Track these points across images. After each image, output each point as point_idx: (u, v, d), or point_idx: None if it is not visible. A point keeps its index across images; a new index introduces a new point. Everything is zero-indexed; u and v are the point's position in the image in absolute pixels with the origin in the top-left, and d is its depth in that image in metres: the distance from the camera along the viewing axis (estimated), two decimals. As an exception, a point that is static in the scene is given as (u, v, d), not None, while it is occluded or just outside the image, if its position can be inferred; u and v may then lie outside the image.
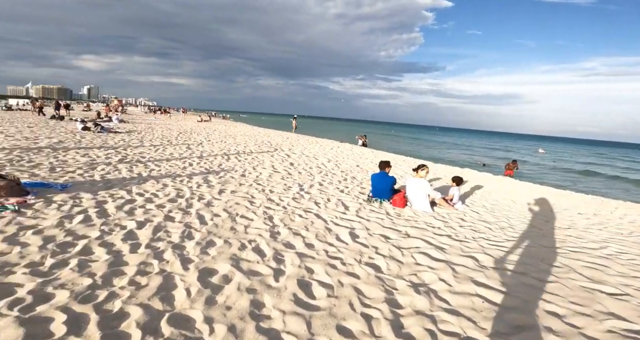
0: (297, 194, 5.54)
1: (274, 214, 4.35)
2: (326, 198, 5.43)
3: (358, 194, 5.92)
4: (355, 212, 4.80)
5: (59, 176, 5.28)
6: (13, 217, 3.38)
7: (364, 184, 6.86)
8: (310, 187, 6.11)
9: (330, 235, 3.78)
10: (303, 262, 3.01)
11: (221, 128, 22.12)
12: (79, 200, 4.15)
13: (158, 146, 9.93)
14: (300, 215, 4.39)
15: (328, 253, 3.29)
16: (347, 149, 14.61)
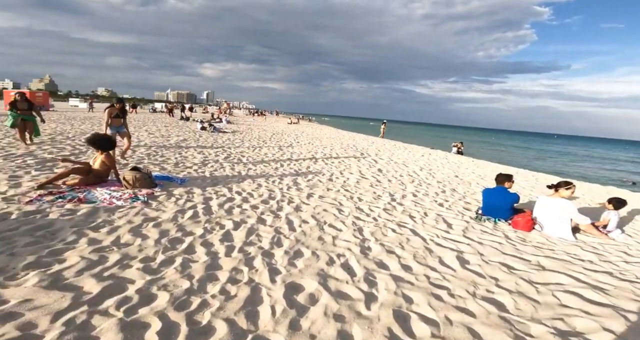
0: (388, 204, 4.99)
1: (363, 225, 3.94)
2: (422, 212, 4.74)
3: (462, 210, 5.02)
4: (462, 231, 4.02)
5: (180, 170, 5.88)
6: (141, 208, 3.73)
7: (468, 198, 5.90)
8: (402, 198, 5.47)
9: (431, 258, 3.19)
10: (399, 288, 2.53)
11: (308, 130, 22.66)
12: (192, 195, 4.45)
13: (255, 147, 10.52)
14: (394, 230, 3.87)
15: (430, 279, 2.73)
16: (440, 157, 12.96)
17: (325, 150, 11.19)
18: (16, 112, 7.15)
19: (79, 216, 3.30)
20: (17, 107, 7.20)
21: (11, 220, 3.02)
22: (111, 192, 4.14)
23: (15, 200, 3.54)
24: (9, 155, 5.90)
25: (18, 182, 4.23)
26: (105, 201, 3.84)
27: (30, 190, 3.91)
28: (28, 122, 7.31)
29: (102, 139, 4.58)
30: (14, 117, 7.15)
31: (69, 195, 3.88)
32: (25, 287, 2.03)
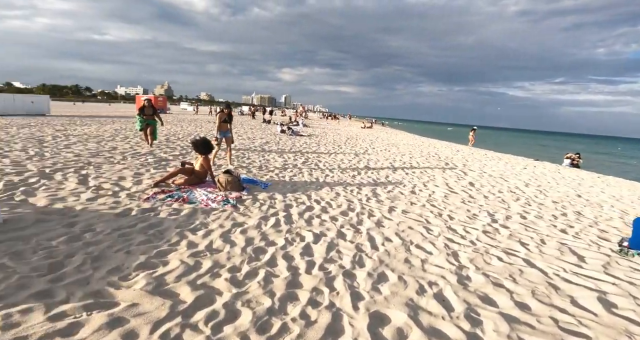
0: (488, 226, 4.25)
1: (459, 249, 3.38)
2: (538, 238, 3.89)
3: (597, 240, 4.00)
4: (602, 267, 3.16)
5: (263, 174, 6.07)
6: (231, 212, 3.86)
7: (602, 225, 4.70)
8: (506, 219, 4.61)
9: (558, 296, 2.53)
10: (514, 331, 2.02)
11: (383, 136, 21.72)
12: (274, 200, 4.47)
13: (331, 152, 10.43)
14: (500, 258, 3.23)
15: (559, 323, 2.13)
16: (550, 171, 10.68)
17: (404, 158, 10.37)
18: (143, 117, 8.02)
19: (182, 216, 3.54)
20: (144, 112, 8.02)
21: (131, 217, 3.39)
22: (208, 194, 4.41)
23: (136, 198, 4.01)
24: (136, 153, 6.93)
25: (140, 179, 4.84)
26: (202, 202, 4.10)
27: (147, 188, 4.41)
28: (151, 125, 8.18)
29: (202, 143, 4.93)
30: (141, 121, 8.05)
31: (176, 194, 4.25)
32: (134, 290, 2.15)
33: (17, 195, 3.65)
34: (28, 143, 7.25)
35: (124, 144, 8.13)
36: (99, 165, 5.45)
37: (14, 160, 5.29)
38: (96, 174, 4.90)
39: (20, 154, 5.91)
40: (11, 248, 2.53)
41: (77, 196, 3.82)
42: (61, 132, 9.69)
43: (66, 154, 6.21)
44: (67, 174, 4.75)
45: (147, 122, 8.08)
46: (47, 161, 5.46)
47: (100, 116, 19.86)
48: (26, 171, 4.68)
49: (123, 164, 5.77)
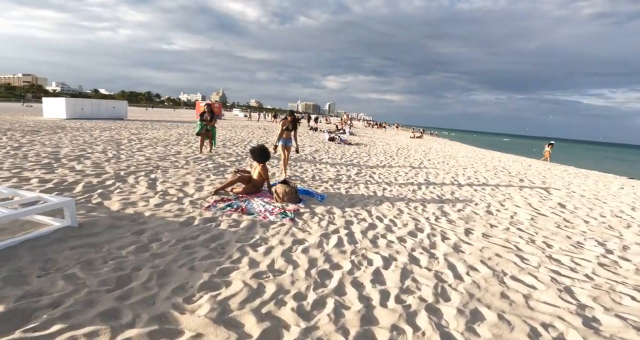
0: (602, 257, 3.51)
1: (572, 284, 2.76)
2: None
3: None
4: None
5: (317, 185, 5.82)
6: (290, 227, 3.63)
7: None
8: (623, 250, 3.80)
9: None
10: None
11: (435, 146, 20.34)
12: (332, 215, 4.15)
13: (384, 163, 9.87)
14: (633, 297, 2.58)
15: None
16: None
17: (467, 172, 9.34)
18: (203, 122, 8.06)
19: (241, 229, 3.38)
20: (204, 117, 8.08)
21: (194, 227, 3.31)
22: (265, 204, 4.26)
23: (198, 205, 3.99)
24: (197, 158, 7.19)
25: (201, 185, 4.89)
26: (261, 214, 3.94)
27: (208, 195, 4.40)
28: (209, 132, 8.19)
29: (261, 151, 4.83)
30: (201, 126, 8.05)
31: (235, 203, 4.16)
32: (198, 317, 1.95)
33: (94, 197, 3.84)
34: (108, 145, 7.97)
35: (187, 149, 8.54)
36: (166, 170, 5.68)
37: (94, 162, 5.75)
38: (163, 178, 5.07)
39: (100, 155, 6.46)
40: (84, 256, 2.54)
41: (146, 201, 3.90)
42: (135, 136, 10.62)
43: (139, 157, 6.64)
44: (138, 176, 4.98)
45: (207, 127, 8.12)
46: (122, 163, 5.84)
47: (167, 121, 21.74)
48: (104, 173, 5.01)
49: (186, 168, 5.96)
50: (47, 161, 5.49)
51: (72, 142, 8.08)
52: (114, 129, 12.86)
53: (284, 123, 6.08)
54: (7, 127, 10.66)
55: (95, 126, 13.53)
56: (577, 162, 19.64)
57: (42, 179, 4.38)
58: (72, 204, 2.94)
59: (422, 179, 7.40)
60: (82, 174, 4.83)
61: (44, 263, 2.39)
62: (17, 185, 4.01)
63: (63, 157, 6.00)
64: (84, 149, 7.03)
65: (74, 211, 2.97)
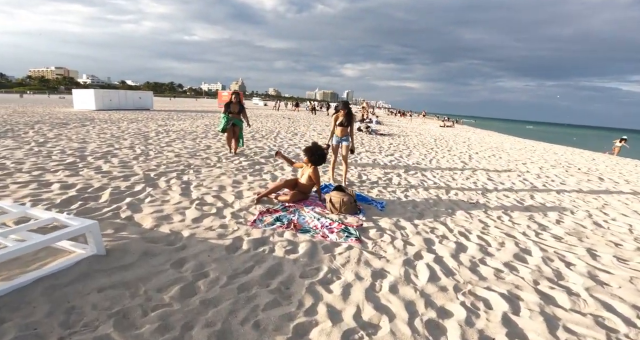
0: None
1: None
2: None
3: None
4: None
5: (368, 187, 4.89)
6: (360, 252, 2.84)
7: None
8: None
9: None
10: None
11: (473, 137, 18.44)
12: (404, 231, 3.30)
13: (428, 157, 8.81)
14: None
15: None
16: None
17: (531, 168, 8.00)
18: (229, 115, 6.43)
19: (301, 256, 2.61)
20: (230, 109, 6.41)
21: (244, 254, 2.57)
22: (319, 217, 3.47)
23: (241, 218, 3.26)
24: (227, 154, 6.50)
25: (239, 190, 4.16)
26: (317, 230, 3.16)
27: (250, 204, 3.67)
28: (236, 127, 6.49)
29: (319, 151, 3.98)
30: (226, 120, 6.39)
31: (284, 216, 3.39)
32: None
33: (123, 209, 3.18)
34: (135, 139, 7.44)
35: (216, 143, 7.89)
36: (198, 169, 5.00)
37: (122, 161, 5.16)
38: (197, 180, 4.38)
39: (128, 152, 5.88)
40: (117, 303, 1.85)
41: (182, 214, 3.21)
42: (162, 128, 10.12)
43: (168, 153, 6.02)
44: (170, 179, 4.32)
45: (233, 121, 6.43)
46: (151, 162, 5.22)
47: (190, 111, 21.39)
48: (132, 174, 4.38)
49: (219, 167, 5.27)
50: (72, 160, 4.94)
51: (99, 136, 7.62)
52: (141, 120, 12.47)
53: (336, 117, 5.01)
54: (37, 120, 10.44)
55: (122, 117, 13.22)
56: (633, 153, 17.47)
57: (65, 183, 3.79)
58: (96, 228, 2.27)
59: (485, 178, 6.34)
60: (108, 176, 4.22)
61: (66, 315, 1.73)
62: (35, 193, 3.41)
63: (89, 154, 5.46)
64: (111, 144, 6.50)
65: (99, 237, 2.30)
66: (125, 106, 20.06)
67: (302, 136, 10.69)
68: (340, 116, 4.96)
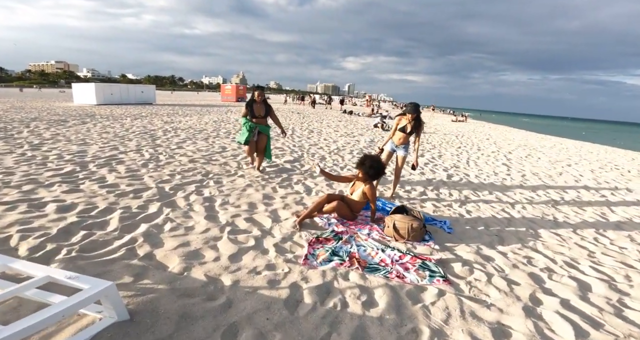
0: None
1: None
2: None
3: None
4: None
5: (419, 202, 4.20)
6: (457, 299, 2.09)
7: None
8: None
9: None
10: None
11: (493, 133, 17.14)
12: (495, 264, 2.55)
13: (463, 158, 8.01)
14: None
15: None
16: None
17: (580, 170, 7.20)
18: (252, 121, 4.53)
19: (385, 311, 1.87)
20: (253, 112, 4.50)
21: (311, 314, 1.83)
22: (383, 247, 2.73)
23: (288, 253, 2.53)
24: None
25: (273, 208, 3.40)
26: (389, 269, 2.42)
27: (293, 229, 2.93)
28: (262, 136, 4.59)
29: (375, 166, 3.15)
30: (249, 129, 4.44)
31: (339, 248, 2.64)
32: None
33: (139, 243, 2.44)
34: (142, 139, 6.65)
35: (231, 143, 7.11)
36: (219, 179, 4.23)
37: (129, 168, 4.38)
38: (220, 195, 3.61)
39: (135, 157, 5.10)
40: None
41: (214, 249, 2.46)
42: (169, 125, 9.31)
43: (180, 158, 5.25)
44: (188, 194, 3.55)
45: (258, 128, 4.57)
46: (163, 169, 4.45)
47: (195, 105, 20.50)
48: (143, 188, 3.62)
49: (242, 175, 4.50)
50: (71, 168, 4.17)
51: (101, 135, 6.84)
52: (145, 116, 11.66)
53: (399, 120, 4.08)
54: (34, 117, 9.64)
55: (125, 113, 12.40)
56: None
57: (62, 203, 3.03)
58: (113, 291, 1.53)
59: (537, 183, 5.56)
60: (115, 190, 3.47)
61: None
62: (25, 219, 2.64)
63: (91, 160, 4.69)
64: (115, 147, 5.73)
65: (118, 300, 1.57)
66: (127, 101, 19.19)
67: (319, 134, 9.89)
68: (405, 120, 4.04)
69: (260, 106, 4.58)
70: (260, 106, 4.58)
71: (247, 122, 4.53)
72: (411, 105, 4.00)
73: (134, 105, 17.98)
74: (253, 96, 4.58)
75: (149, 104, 19.24)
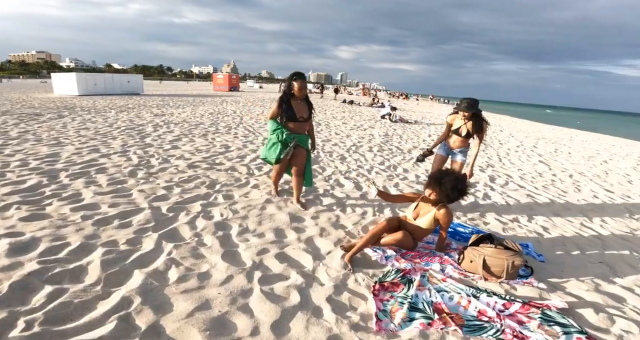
0: None
1: None
2: None
3: None
4: None
5: (476, 217, 3.43)
6: None
7: None
8: None
9: None
10: None
11: (502, 124, 16.38)
12: (628, 306, 1.87)
13: (492, 156, 7.30)
14: None
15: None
16: None
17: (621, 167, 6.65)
18: (288, 126, 2.96)
19: None
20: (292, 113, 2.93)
21: None
22: (474, 291, 1.97)
23: (349, 308, 1.74)
24: (256, 161, 4.81)
25: (308, 235, 2.57)
26: (496, 325, 1.66)
27: (345, 271, 2.13)
28: (301, 149, 3.08)
29: (461, 185, 2.29)
30: (284, 140, 2.95)
31: (414, 298, 1.87)
32: None
33: (137, 308, 1.59)
34: (129, 137, 5.67)
35: (232, 139, 6.18)
36: (229, 193, 3.33)
37: (112, 178, 3.45)
38: (235, 218, 2.74)
39: (120, 161, 4.14)
40: None
41: (247, 313, 1.64)
42: (160, 119, 8.27)
43: (176, 161, 4.32)
44: (194, 218, 2.66)
45: (296, 139, 3.01)
46: (157, 180, 3.52)
47: (186, 95, 19.21)
48: (133, 209, 2.71)
49: (256, 186, 3.64)
50: (36, 181, 3.21)
51: (79, 133, 5.80)
52: (132, 108, 10.52)
53: (452, 120, 3.25)
54: (5, 110, 8.46)
55: (110, 105, 11.22)
56: None
57: (17, 238, 2.14)
58: None
59: (592, 185, 4.84)
60: (94, 214, 2.57)
61: None
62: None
63: (63, 167, 3.72)
64: (95, 148, 4.74)
65: None
66: (112, 91, 17.81)
67: (328, 127, 8.99)
68: (460, 120, 3.18)
69: (302, 105, 2.98)
70: (302, 105, 2.98)
71: (279, 129, 2.94)
72: (466, 102, 3.07)
73: (120, 95, 16.66)
74: (290, 88, 2.88)
75: (136, 95, 17.89)
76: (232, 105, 13.92)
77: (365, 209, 3.22)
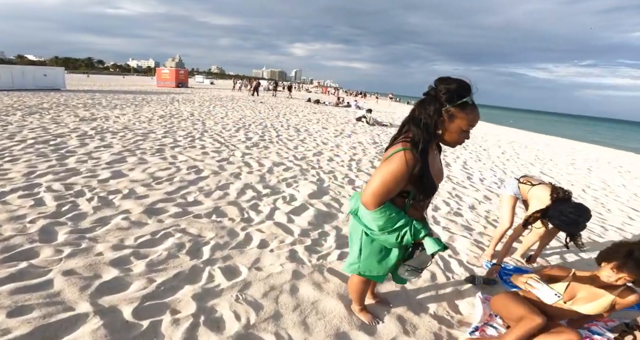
0: None
1: None
2: None
3: None
4: None
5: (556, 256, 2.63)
6: None
7: None
8: None
9: None
10: None
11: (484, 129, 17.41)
12: None
13: (514, 164, 6.88)
14: None
15: None
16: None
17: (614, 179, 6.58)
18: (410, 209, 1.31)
19: None
20: (433, 186, 1.26)
21: None
22: None
23: None
24: (255, 194, 3.45)
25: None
26: None
27: None
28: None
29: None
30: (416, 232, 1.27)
31: None
32: None
33: None
34: (39, 158, 3.83)
35: (201, 155, 4.65)
36: (226, 263, 2.02)
37: (4, 247, 1.91)
38: (260, 320, 1.47)
39: (20, 206, 2.49)
40: None
41: None
42: (89, 125, 6.23)
43: (124, 202, 2.79)
44: (193, 333, 1.38)
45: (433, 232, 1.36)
46: (96, 247, 2.05)
47: (124, 92, 16.22)
48: (60, 325, 1.30)
49: (262, 241, 2.37)
50: None
51: (-44, 153, 3.80)
52: (48, 109, 8.05)
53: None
54: None
55: (16, 104, 8.52)
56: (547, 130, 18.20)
57: None
58: None
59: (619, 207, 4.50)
60: None
61: None
62: None
63: None
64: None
65: None
66: (23, 86, 14.21)
67: (308, 133, 7.80)
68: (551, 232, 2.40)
69: (437, 159, 1.35)
70: (437, 159, 1.35)
71: (406, 224, 1.27)
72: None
73: (34, 91, 13.30)
74: (442, 119, 1.19)
75: (55, 90, 14.54)
76: (186, 105, 11.87)
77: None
